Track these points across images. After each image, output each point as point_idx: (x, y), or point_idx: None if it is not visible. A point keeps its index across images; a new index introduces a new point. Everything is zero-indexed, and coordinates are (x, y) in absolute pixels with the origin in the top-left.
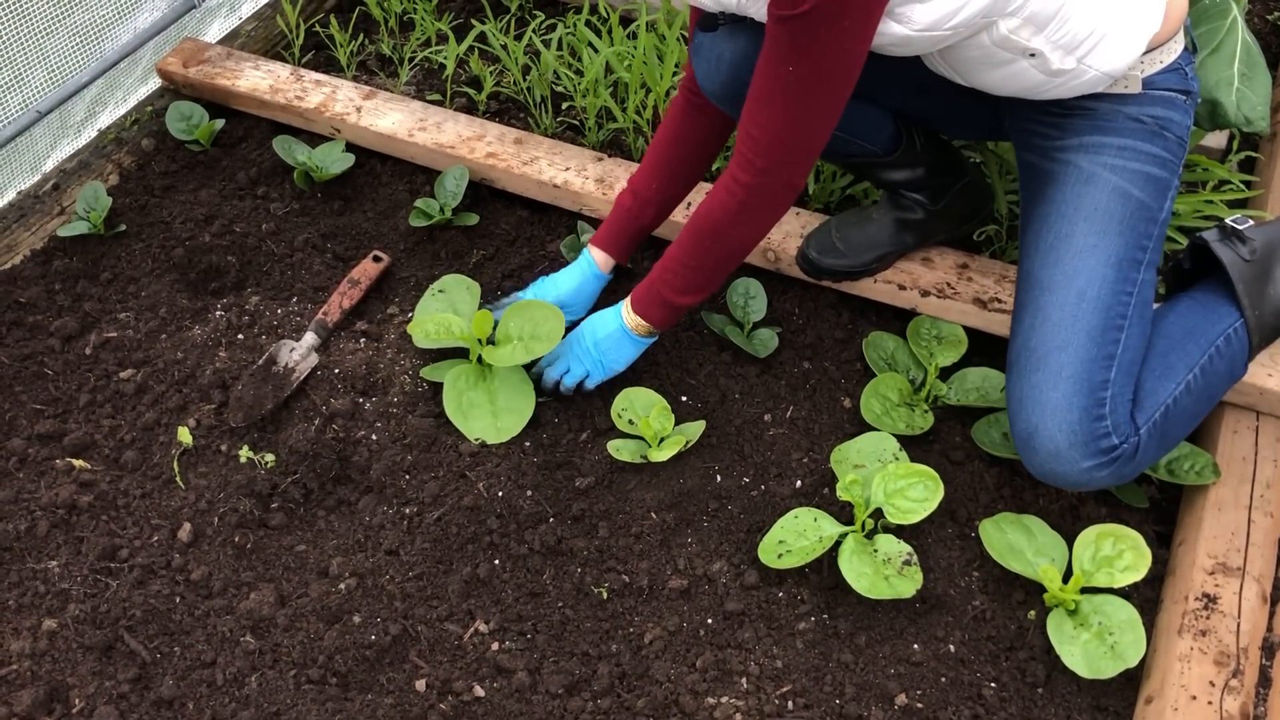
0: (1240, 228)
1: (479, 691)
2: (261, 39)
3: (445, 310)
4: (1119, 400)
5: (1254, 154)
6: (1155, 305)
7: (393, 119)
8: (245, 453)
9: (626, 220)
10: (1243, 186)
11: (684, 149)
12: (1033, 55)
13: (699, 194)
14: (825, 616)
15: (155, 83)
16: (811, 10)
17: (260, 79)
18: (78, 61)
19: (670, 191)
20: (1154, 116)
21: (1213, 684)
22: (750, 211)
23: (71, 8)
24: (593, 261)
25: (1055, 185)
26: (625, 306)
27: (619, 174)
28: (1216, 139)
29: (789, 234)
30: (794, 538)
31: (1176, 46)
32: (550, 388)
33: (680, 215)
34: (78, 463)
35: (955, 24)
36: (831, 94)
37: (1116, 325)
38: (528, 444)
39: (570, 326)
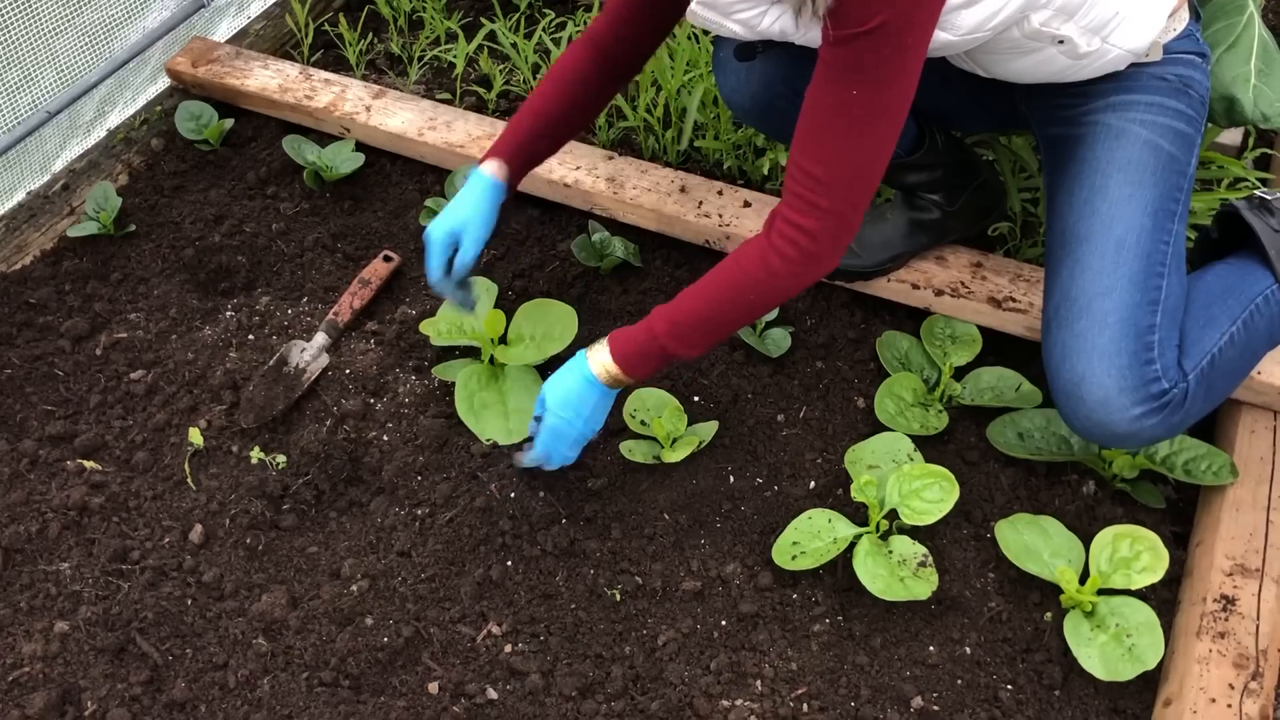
0: (1269, 198)
1: (492, 694)
2: (270, 38)
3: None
4: (1166, 345)
5: (1269, 150)
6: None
7: (402, 118)
8: (256, 454)
9: (530, 139)
10: (1258, 183)
11: (588, 89)
12: (1061, 42)
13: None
14: (840, 618)
15: (164, 82)
16: (879, 27)
17: (269, 78)
18: (87, 61)
19: (565, 128)
20: (1178, 75)
21: (1232, 686)
22: (812, 262)
23: (80, 8)
24: (495, 180)
25: (1085, 145)
26: (600, 362)
27: (629, 173)
28: (1232, 136)
29: None
30: (808, 539)
31: (1185, 12)
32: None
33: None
34: (89, 464)
35: (996, 24)
36: (895, 118)
37: (1157, 272)
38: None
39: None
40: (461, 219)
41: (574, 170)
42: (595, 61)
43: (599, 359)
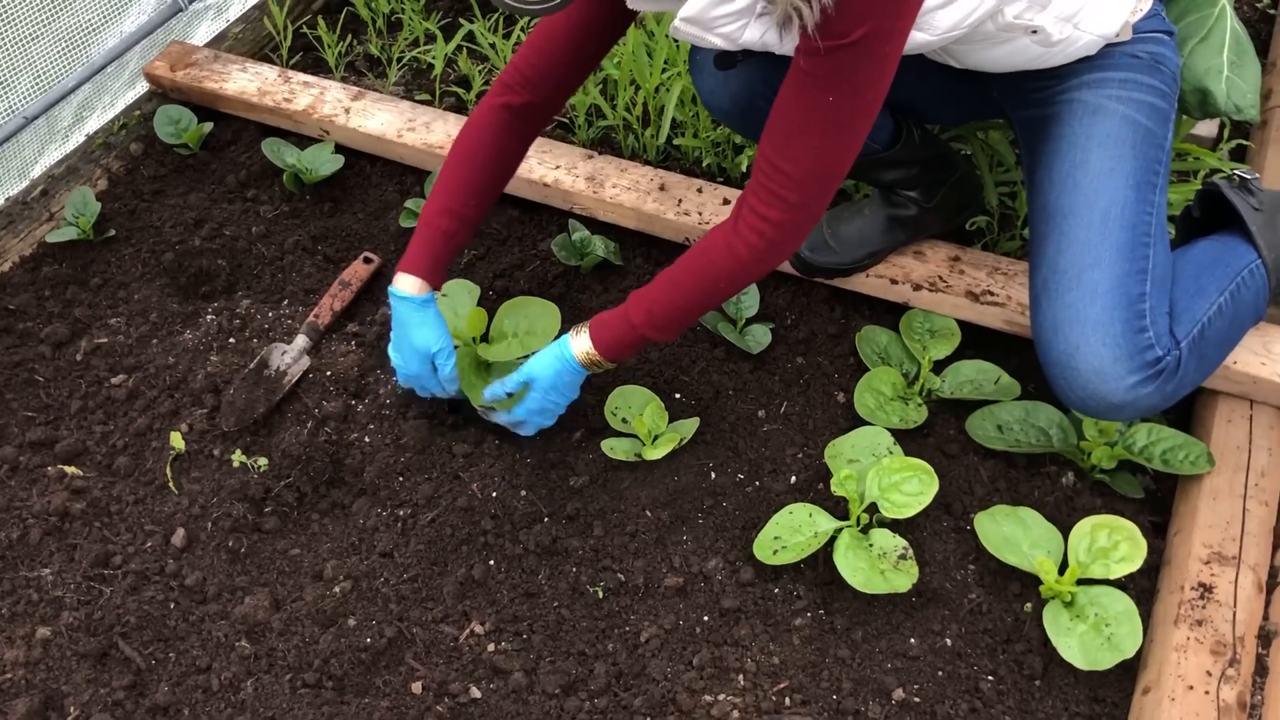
0: (1249, 178)
1: (475, 693)
2: (249, 41)
3: (447, 312)
4: (1157, 312)
5: (1245, 142)
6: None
7: (382, 119)
8: (238, 457)
9: (445, 243)
10: (1234, 175)
11: (502, 161)
12: (1034, 32)
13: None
14: (821, 612)
15: (143, 87)
16: (861, 39)
17: (248, 81)
18: (64, 66)
19: (485, 207)
20: (1149, 52)
21: (1209, 674)
22: (777, 250)
23: (57, 13)
24: (420, 298)
25: (1063, 122)
26: (580, 345)
27: (609, 171)
28: (1208, 127)
29: None
30: (789, 534)
31: None
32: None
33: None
34: (70, 469)
35: (971, 21)
36: (868, 118)
37: (1143, 242)
38: (521, 444)
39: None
40: (424, 347)
41: (554, 170)
42: (510, 126)
43: (581, 346)
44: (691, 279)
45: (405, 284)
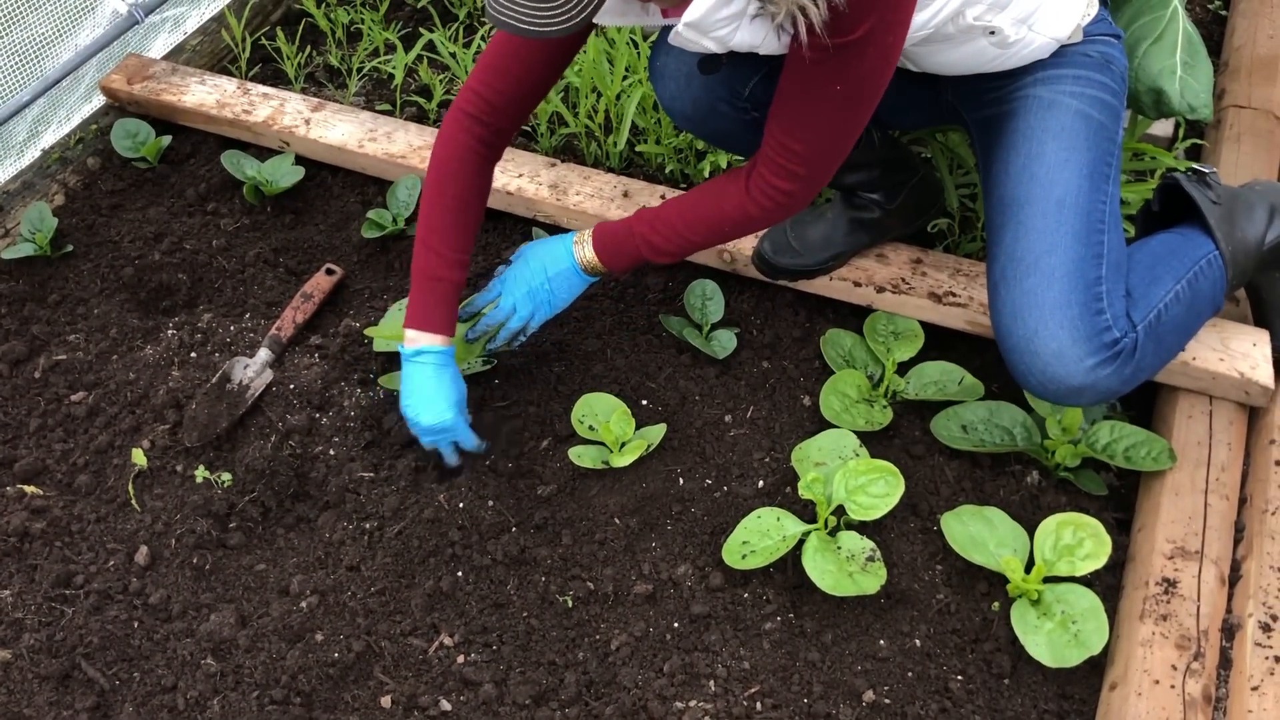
0: (1206, 172)
1: (445, 705)
2: (207, 54)
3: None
4: (1114, 295)
5: (1200, 141)
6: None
7: (342, 130)
8: (201, 473)
9: (455, 294)
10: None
11: (484, 195)
12: (992, 33)
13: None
14: (791, 616)
15: (99, 100)
16: (865, 35)
17: (207, 94)
18: (18, 80)
19: (472, 245)
20: (1099, 52)
21: (1175, 668)
22: (784, 211)
23: (9, 26)
24: (440, 349)
25: (1018, 117)
26: (581, 244)
27: (572, 179)
28: (1163, 127)
29: None
30: (757, 538)
31: None
32: (505, 340)
33: None
34: (29, 489)
35: (936, 22)
36: (873, 103)
37: (1098, 228)
38: (488, 453)
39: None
40: (457, 393)
41: (516, 178)
42: (486, 157)
43: (581, 244)
44: (699, 214)
45: (426, 339)
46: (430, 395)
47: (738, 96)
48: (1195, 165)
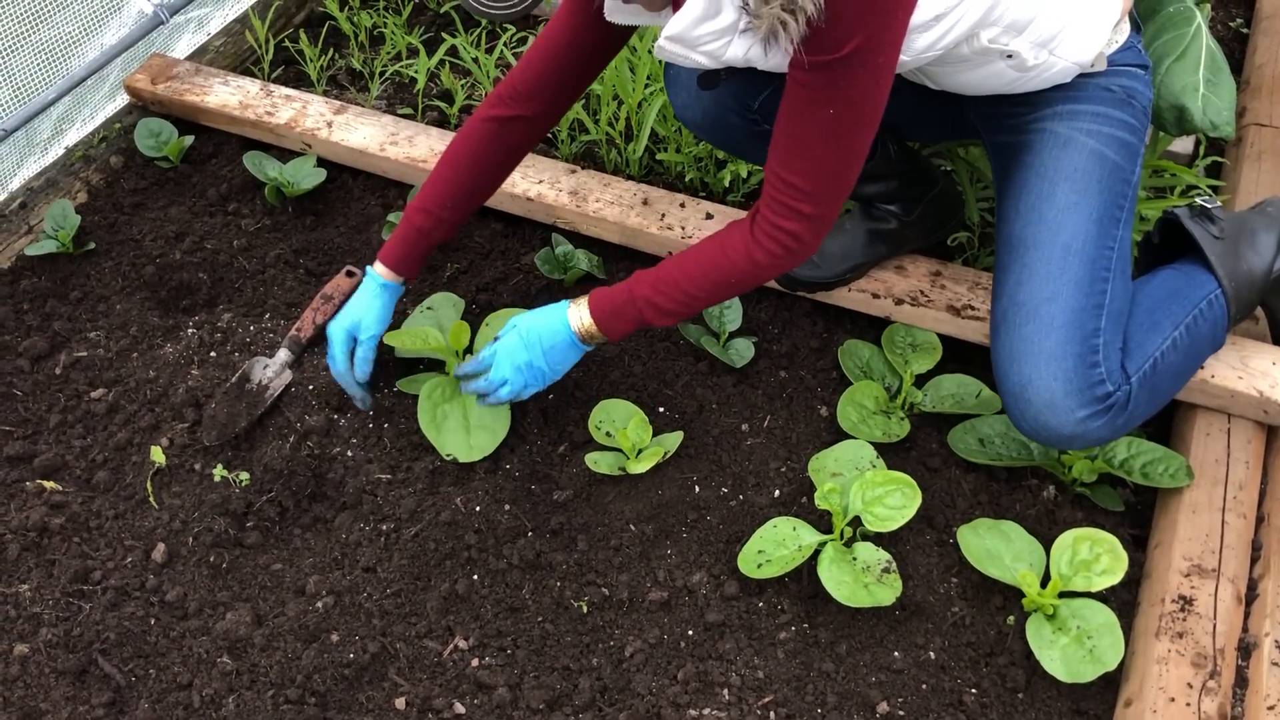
0: (1209, 207)
1: (459, 709)
2: (230, 54)
3: (431, 325)
4: (1110, 348)
5: (1220, 159)
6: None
7: (364, 133)
8: (219, 471)
9: (419, 239)
10: (1210, 191)
11: (485, 171)
12: (1010, 56)
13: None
14: (806, 626)
15: (123, 100)
16: (853, 52)
17: (230, 95)
18: (44, 79)
19: (464, 212)
20: (1121, 86)
21: (1190, 685)
22: (795, 256)
23: (36, 25)
24: (386, 281)
25: (1032, 152)
26: (577, 313)
27: (592, 186)
28: (1183, 144)
29: None
30: (773, 547)
31: (1127, 25)
32: (492, 404)
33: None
34: (48, 484)
35: (946, 43)
36: (869, 128)
37: (1102, 277)
38: (504, 458)
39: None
40: (357, 318)
41: (537, 184)
42: (497, 136)
43: (578, 313)
44: (703, 269)
45: (374, 268)
46: (340, 314)
47: (747, 109)
48: (1200, 199)
